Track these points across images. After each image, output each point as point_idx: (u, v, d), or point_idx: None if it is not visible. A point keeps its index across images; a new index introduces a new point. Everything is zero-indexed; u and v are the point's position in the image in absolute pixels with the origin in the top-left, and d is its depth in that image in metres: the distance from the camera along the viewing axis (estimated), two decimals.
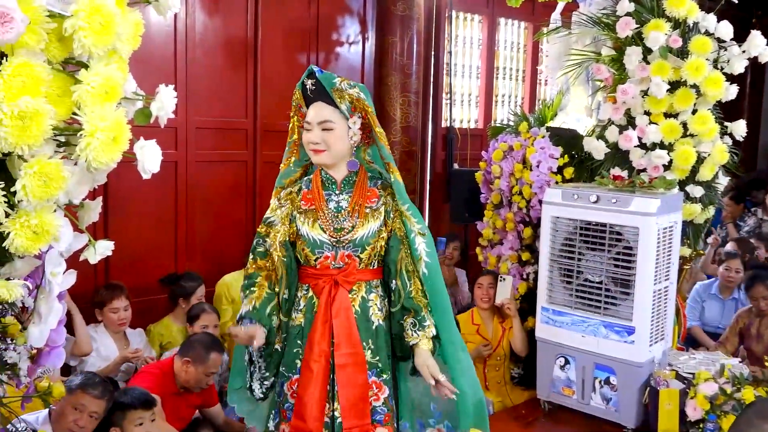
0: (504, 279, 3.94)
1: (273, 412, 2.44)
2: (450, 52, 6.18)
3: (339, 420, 2.28)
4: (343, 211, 2.34)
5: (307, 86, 2.32)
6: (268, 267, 2.38)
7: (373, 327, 2.35)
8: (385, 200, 2.39)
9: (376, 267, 2.38)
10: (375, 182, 2.42)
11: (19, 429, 2.05)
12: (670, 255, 3.18)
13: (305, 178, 2.44)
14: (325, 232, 2.32)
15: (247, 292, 2.36)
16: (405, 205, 2.40)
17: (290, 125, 2.46)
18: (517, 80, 7.07)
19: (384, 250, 2.37)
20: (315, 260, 2.34)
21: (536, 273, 3.58)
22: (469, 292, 5.29)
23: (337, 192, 2.37)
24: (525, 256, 3.93)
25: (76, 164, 1.33)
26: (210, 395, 3.46)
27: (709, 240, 5.39)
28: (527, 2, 4.30)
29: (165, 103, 1.45)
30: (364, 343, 2.32)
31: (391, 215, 2.38)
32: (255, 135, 4.97)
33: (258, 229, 2.44)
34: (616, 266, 3.11)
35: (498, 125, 4.48)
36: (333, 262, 2.33)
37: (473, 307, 4.18)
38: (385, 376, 2.35)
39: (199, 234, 4.77)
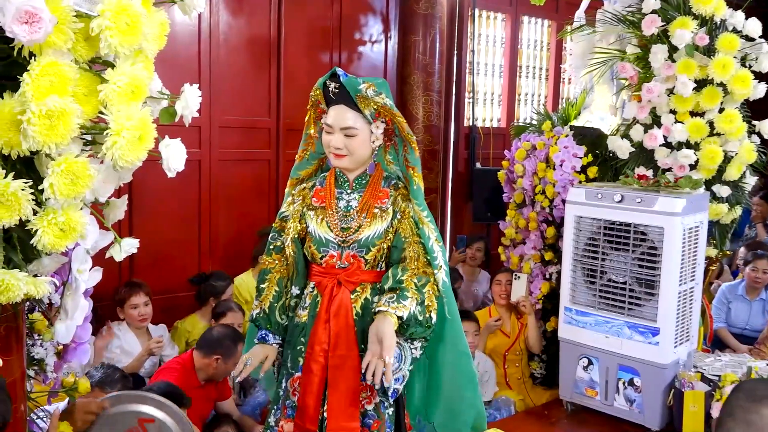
0: (519, 277, 3.95)
1: (275, 407, 2.42)
2: (473, 51, 6.16)
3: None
4: (352, 210, 2.31)
5: (330, 88, 2.26)
6: (281, 262, 2.39)
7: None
8: (395, 200, 2.32)
9: (383, 269, 2.33)
10: (389, 182, 2.36)
11: (42, 417, 2.07)
12: (695, 255, 3.14)
13: (321, 175, 2.43)
14: (331, 230, 2.29)
15: (259, 289, 2.40)
16: (424, 212, 2.33)
17: (306, 117, 2.43)
18: (540, 79, 7.03)
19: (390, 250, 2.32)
20: (321, 258, 2.31)
21: (559, 273, 3.56)
22: (483, 296, 5.28)
23: (348, 191, 2.34)
24: (548, 255, 3.91)
25: (102, 162, 1.34)
26: (225, 388, 3.52)
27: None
28: (551, 0, 4.27)
29: (190, 102, 1.46)
30: (362, 346, 2.24)
31: (398, 216, 2.30)
32: (278, 134, 5.00)
33: (273, 224, 2.43)
34: (641, 266, 3.08)
35: (521, 124, 4.45)
36: (338, 262, 2.30)
37: (491, 305, 4.21)
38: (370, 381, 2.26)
39: (222, 232, 4.80)
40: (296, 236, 2.34)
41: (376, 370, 2.07)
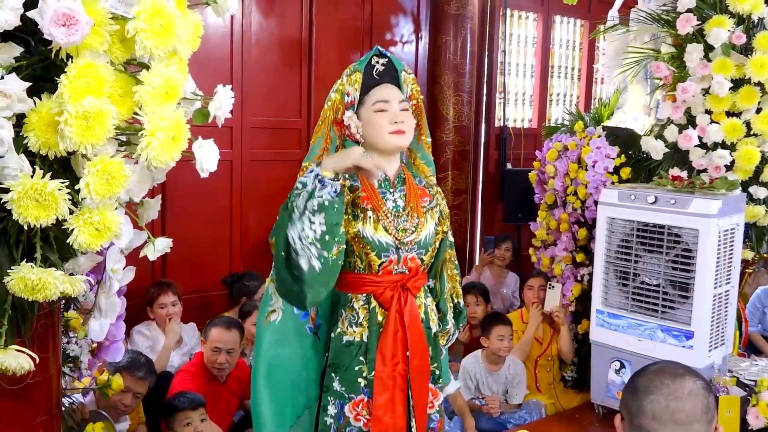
0: (553, 287, 3.90)
1: None
2: (504, 51, 6.13)
3: None
4: (401, 210, 2.12)
5: (376, 66, 2.14)
6: None
7: (432, 334, 2.22)
8: (438, 200, 2.25)
9: (427, 270, 2.25)
10: (418, 180, 2.24)
11: (74, 402, 2.11)
12: (731, 258, 3.08)
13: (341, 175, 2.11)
14: (389, 233, 2.08)
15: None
16: (431, 168, 2.32)
17: (326, 114, 2.18)
18: (572, 79, 6.97)
19: None
20: (379, 266, 2.10)
21: (591, 275, 3.52)
22: (512, 297, 5.25)
23: (390, 189, 2.14)
24: (579, 257, 3.87)
25: (136, 163, 1.36)
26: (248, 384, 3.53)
27: None
28: (583, 0, 4.23)
29: (223, 103, 1.47)
30: (430, 353, 2.20)
31: (443, 217, 2.26)
32: (309, 134, 5.01)
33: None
34: (675, 269, 3.03)
35: (553, 125, 4.42)
36: (396, 267, 2.11)
37: (522, 307, 4.17)
38: (441, 382, 2.26)
39: (253, 232, 4.84)
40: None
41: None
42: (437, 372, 2.24)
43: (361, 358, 2.11)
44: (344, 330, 2.13)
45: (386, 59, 2.16)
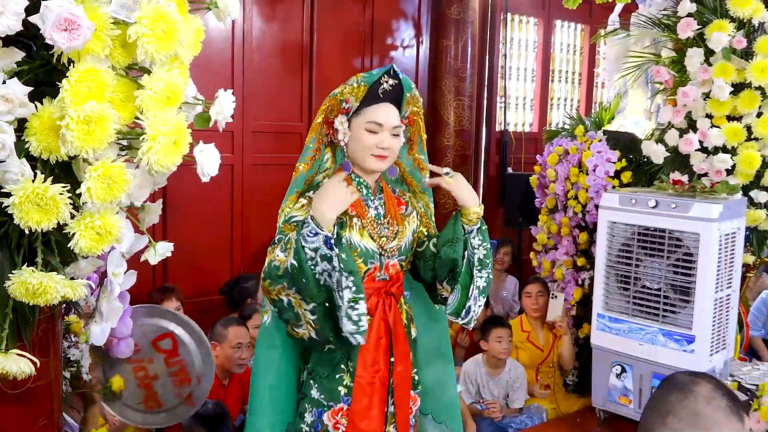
0: (555, 296, 3.90)
1: None
2: (505, 55, 6.13)
3: None
4: (382, 218, 2.16)
5: (385, 86, 2.11)
6: None
7: (412, 339, 2.23)
8: (413, 205, 2.28)
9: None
10: (392, 189, 2.26)
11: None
12: (732, 262, 3.08)
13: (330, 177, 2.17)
14: (373, 240, 2.11)
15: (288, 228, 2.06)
16: (427, 195, 2.37)
17: (320, 118, 2.17)
18: (573, 83, 6.97)
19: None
20: (365, 272, 2.10)
21: (592, 279, 3.52)
22: (512, 301, 5.24)
23: (372, 197, 2.17)
24: (580, 261, 3.87)
25: (138, 167, 1.36)
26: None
27: None
28: (584, 4, 4.24)
29: (224, 107, 1.48)
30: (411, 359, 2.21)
31: (419, 219, 2.28)
32: None
33: (281, 227, 2.12)
34: (676, 273, 3.03)
35: (553, 129, 4.42)
36: (378, 274, 2.13)
37: (522, 314, 4.15)
38: (419, 388, 2.26)
39: (254, 236, 4.84)
40: None
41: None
42: (416, 378, 2.24)
43: (343, 366, 2.10)
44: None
45: (396, 81, 2.13)
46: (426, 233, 2.28)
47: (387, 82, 2.11)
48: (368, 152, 2.10)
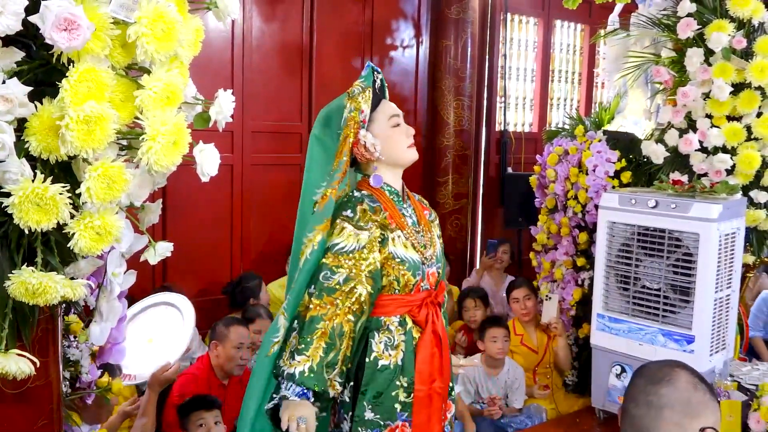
0: (550, 298, 3.88)
1: None
2: (504, 55, 6.13)
3: None
4: (417, 226, 2.13)
5: (378, 82, 2.16)
6: (336, 306, 1.95)
7: None
8: (431, 209, 2.30)
9: None
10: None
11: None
12: (732, 262, 3.08)
13: (358, 193, 2.10)
14: (416, 251, 2.08)
15: (305, 342, 1.93)
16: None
17: (346, 132, 2.10)
18: (572, 83, 6.97)
19: None
20: (414, 284, 2.08)
21: (591, 279, 3.52)
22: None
23: (404, 205, 2.14)
24: (580, 261, 3.87)
25: (137, 167, 1.36)
26: None
27: None
28: (584, 4, 4.24)
29: (224, 107, 1.48)
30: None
31: (438, 224, 2.30)
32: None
33: (324, 260, 1.99)
34: (675, 273, 3.03)
35: (553, 129, 4.42)
36: (423, 284, 2.11)
37: (515, 317, 4.12)
38: (453, 394, 2.23)
39: (253, 236, 4.84)
40: (378, 268, 2.02)
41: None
42: (451, 384, 2.23)
43: (397, 383, 2.06)
44: (379, 354, 2.06)
45: (380, 74, 2.18)
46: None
47: (379, 78, 2.16)
48: (403, 146, 2.11)
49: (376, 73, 2.15)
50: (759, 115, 3.25)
